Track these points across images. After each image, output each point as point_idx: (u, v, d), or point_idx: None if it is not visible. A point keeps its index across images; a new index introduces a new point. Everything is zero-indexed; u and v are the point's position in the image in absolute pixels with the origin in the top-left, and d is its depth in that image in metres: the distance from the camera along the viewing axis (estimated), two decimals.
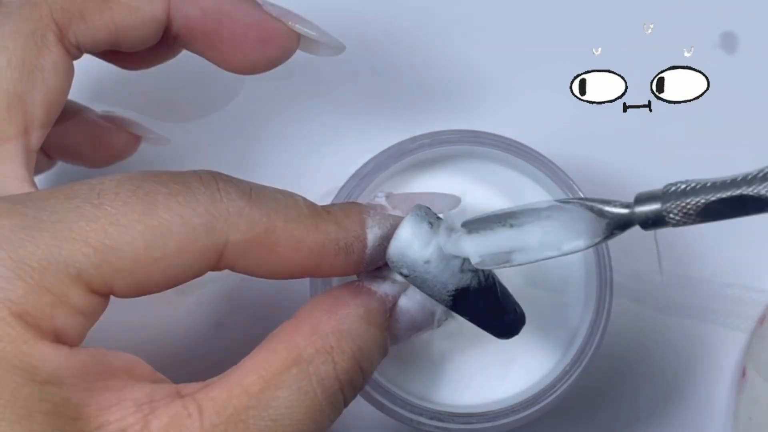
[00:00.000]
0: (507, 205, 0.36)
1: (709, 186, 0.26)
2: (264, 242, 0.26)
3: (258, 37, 0.32)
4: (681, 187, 0.26)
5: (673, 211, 0.26)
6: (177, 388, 0.26)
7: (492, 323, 0.29)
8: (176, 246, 0.25)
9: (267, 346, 0.27)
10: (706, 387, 0.42)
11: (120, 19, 0.30)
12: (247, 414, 0.25)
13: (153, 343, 0.41)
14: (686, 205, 0.26)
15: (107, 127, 0.37)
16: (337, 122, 0.43)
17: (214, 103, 0.43)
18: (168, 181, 0.25)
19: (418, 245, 0.28)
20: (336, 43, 0.34)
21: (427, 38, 0.44)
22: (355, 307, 0.28)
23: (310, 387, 0.26)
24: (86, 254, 0.24)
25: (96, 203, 0.24)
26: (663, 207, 0.26)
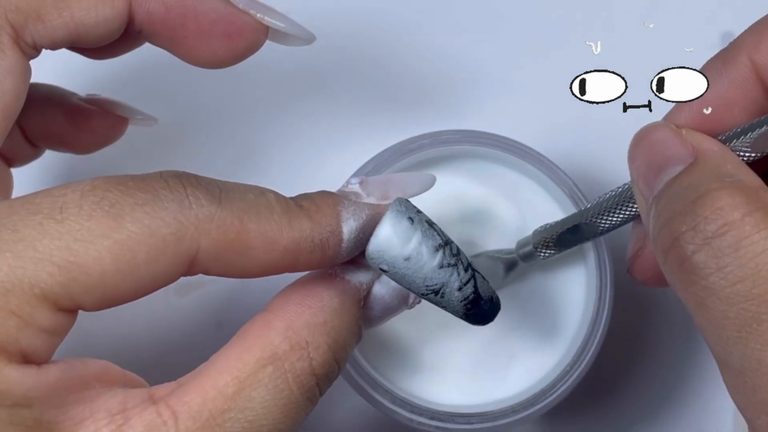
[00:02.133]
0: (507, 205, 0.37)
1: (560, 222, 0.34)
2: (237, 246, 0.25)
3: (224, 31, 0.31)
4: (542, 227, 0.35)
5: (539, 246, 0.34)
6: (150, 392, 0.25)
7: (468, 313, 0.29)
8: (145, 258, 0.24)
9: (240, 343, 0.26)
10: (706, 387, 0.42)
11: (79, 18, 0.29)
12: (223, 417, 0.25)
13: (153, 343, 0.41)
14: (545, 240, 0.34)
15: (92, 111, 0.36)
16: (337, 122, 0.43)
17: (213, 98, 0.43)
18: (134, 189, 0.24)
19: (398, 243, 0.27)
20: (306, 34, 0.33)
21: (427, 38, 0.44)
22: (329, 298, 0.27)
23: (286, 385, 0.26)
24: (51, 273, 0.23)
25: (59, 218, 0.23)
26: (533, 245, 0.35)
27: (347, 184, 0.29)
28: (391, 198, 0.29)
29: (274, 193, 0.27)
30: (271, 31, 0.32)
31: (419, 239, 0.28)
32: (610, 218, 0.32)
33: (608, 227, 0.33)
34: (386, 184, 0.29)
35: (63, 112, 0.35)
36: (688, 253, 0.25)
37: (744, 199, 0.25)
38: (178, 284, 0.35)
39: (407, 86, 0.43)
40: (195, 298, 0.41)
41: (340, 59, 0.43)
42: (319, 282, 0.28)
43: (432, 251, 0.28)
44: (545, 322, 0.36)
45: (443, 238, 0.28)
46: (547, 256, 0.34)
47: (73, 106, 0.35)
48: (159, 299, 0.41)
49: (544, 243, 0.34)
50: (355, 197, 0.28)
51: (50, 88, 0.36)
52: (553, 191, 0.36)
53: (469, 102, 0.43)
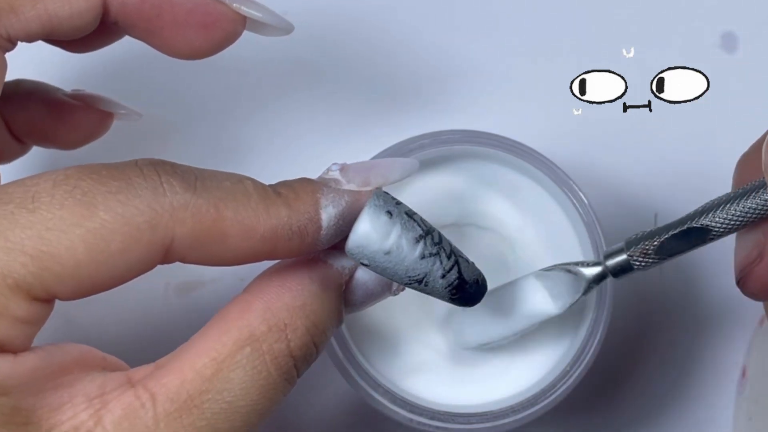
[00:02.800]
0: (507, 205, 0.36)
1: (662, 228, 0.31)
2: (213, 234, 0.25)
3: (200, 22, 0.31)
4: (639, 234, 0.32)
5: (635, 255, 0.31)
6: (128, 375, 0.25)
7: (453, 297, 0.29)
8: (119, 247, 0.24)
9: (219, 324, 0.26)
10: (706, 387, 0.42)
11: (53, 10, 0.29)
12: (201, 399, 0.25)
13: (152, 343, 0.41)
14: (645, 248, 0.31)
15: (77, 106, 0.35)
16: (337, 122, 0.43)
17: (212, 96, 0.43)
18: (107, 178, 0.24)
19: (377, 238, 0.27)
20: (284, 24, 0.33)
21: (427, 38, 0.43)
22: (310, 281, 0.27)
23: (264, 366, 0.26)
24: (23, 263, 0.23)
25: (31, 208, 0.23)
26: (628, 254, 0.32)
27: (328, 170, 0.29)
28: (372, 184, 0.29)
29: (251, 180, 0.27)
30: (249, 21, 0.32)
31: (399, 232, 0.27)
32: (727, 222, 0.30)
33: (722, 231, 0.30)
34: (368, 170, 0.29)
35: (48, 107, 0.35)
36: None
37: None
38: (178, 284, 0.35)
39: (407, 86, 0.43)
40: (195, 298, 0.41)
41: (339, 59, 0.43)
42: (301, 265, 0.28)
43: (412, 243, 0.27)
44: (545, 323, 0.36)
45: (424, 228, 0.28)
46: (644, 266, 0.32)
47: (58, 102, 0.35)
48: (159, 299, 0.41)
49: (644, 252, 0.31)
50: (335, 184, 0.28)
51: (35, 84, 0.35)
52: (553, 191, 0.36)
53: (469, 102, 0.43)
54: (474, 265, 0.29)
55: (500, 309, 0.34)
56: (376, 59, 0.43)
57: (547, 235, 0.36)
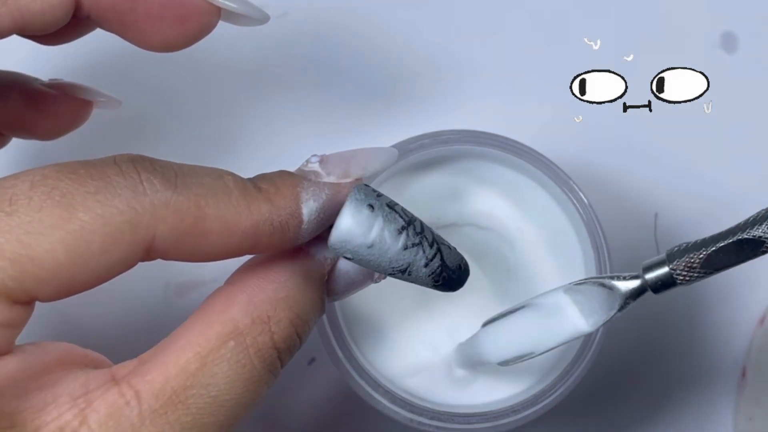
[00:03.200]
0: (507, 205, 0.36)
1: (709, 239, 0.28)
2: (194, 231, 0.25)
3: (175, 15, 0.30)
4: (683, 246, 0.29)
5: (679, 269, 0.29)
6: (112, 372, 0.25)
7: (437, 285, 0.29)
8: (100, 247, 0.24)
9: (202, 318, 0.26)
10: (706, 387, 0.42)
11: (24, 5, 0.28)
12: (186, 394, 0.25)
13: (152, 343, 0.40)
14: (690, 261, 0.28)
15: (55, 96, 0.35)
16: (337, 122, 0.43)
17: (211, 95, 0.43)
18: (85, 177, 0.24)
19: (360, 232, 0.27)
20: (259, 14, 0.32)
21: (426, 38, 0.43)
22: (292, 273, 0.27)
23: (248, 359, 0.26)
24: (3, 267, 0.23)
25: (9, 211, 0.23)
26: (670, 268, 0.29)
27: (307, 162, 0.29)
28: (352, 176, 0.28)
29: (232, 175, 0.26)
30: (224, 11, 0.31)
31: (381, 225, 0.27)
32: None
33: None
34: (347, 161, 0.29)
35: (26, 98, 0.34)
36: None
37: None
38: (178, 284, 0.35)
39: (407, 86, 0.43)
40: (195, 298, 0.41)
41: (339, 59, 0.43)
42: (283, 257, 0.28)
43: (395, 235, 0.27)
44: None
45: (405, 218, 0.28)
46: (689, 281, 0.29)
47: (35, 92, 0.35)
48: (159, 299, 0.41)
49: (689, 266, 0.29)
50: (314, 176, 0.28)
51: (11, 75, 0.35)
52: (553, 191, 0.36)
53: (469, 102, 0.43)
54: (456, 250, 0.29)
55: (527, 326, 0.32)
56: (375, 59, 0.43)
57: (547, 235, 0.36)
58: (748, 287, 0.42)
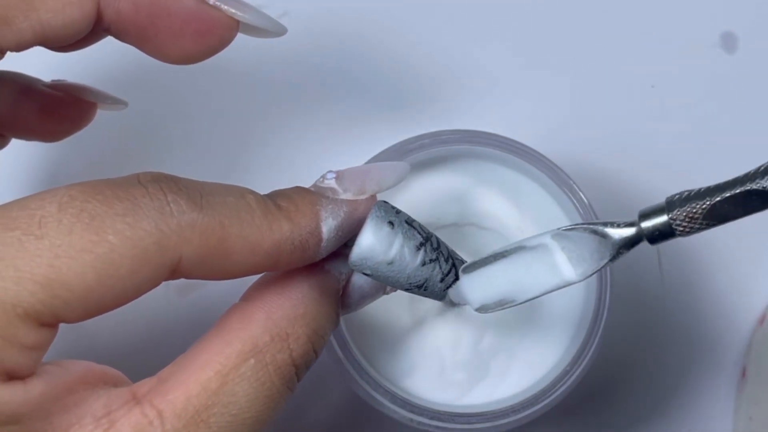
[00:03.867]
0: (507, 205, 0.36)
1: (713, 188, 0.26)
2: (218, 251, 0.25)
3: (196, 29, 0.30)
4: (684, 194, 0.26)
5: (679, 219, 0.26)
6: (133, 390, 0.25)
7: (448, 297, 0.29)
8: (128, 270, 0.24)
9: (221, 335, 0.26)
10: (706, 387, 0.42)
11: (46, 20, 0.28)
12: (207, 413, 0.25)
13: (152, 343, 0.41)
14: (692, 210, 0.26)
15: (58, 97, 0.35)
16: (337, 123, 0.43)
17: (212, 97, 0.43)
18: (113, 199, 0.24)
19: (381, 249, 0.27)
20: (277, 27, 0.32)
21: (427, 38, 0.44)
22: (309, 288, 0.28)
23: (267, 377, 0.26)
24: (33, 292, 0.23)
25: (39, 234, 0.23)
26: (669, 217, 0.26)
27: (323, 178, 0.29)
28: (367, 192, 0.29)
29: (253, 194, 0.27)
30: (242, 24, 0.31)
31: (401, 242, 0.28)
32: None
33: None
34: (362, 177, 0.29)
35: (29, 99, 0.34)
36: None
37: None
38: (178, 284, 0.35)
39: (407, 86, 0.43)
40: (195, 298, 0.41)
41: (339, 59, 0.43)
42: (299, 272, 0.28)
43: (414, 251, 0.28)
44: (545, 322, 0.36)
45: (423, 235, 0.28)
46: (688, 232, 0.27)
47: (39, 93, 0.34)
48: (159, 299, 0.41)
49: (690, 216, 0.26)
50: (332, 193, 0.28)
51: (15, 76, 0.35)
52: (553, 191, 0.36)
53: (469, 102, 0.43)
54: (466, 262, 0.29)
55: (509, 270, 0.29)
56: (376, 60, 0.43)
57: None
58: (748, 287, 0.42)
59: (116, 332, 0.40)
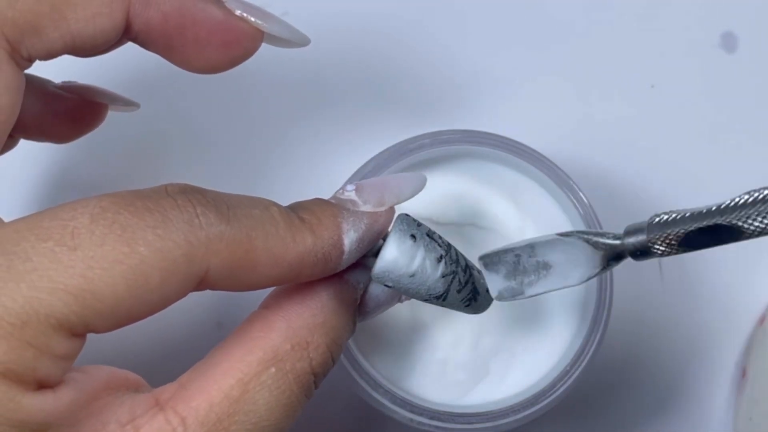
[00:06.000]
0: (507, 205, 0.36)
1: (688, 216, 0.28)
2: (244, 264, 0.25)
3: (222, 40, 0.31)
4: (663, 218, 0.28)
5: (657, 242, 0.28)
6: (155, 396, 0.26)
7: (466, 307, 0.30)
8: (158, 281, 0.24)
9: (241, 342, 0.27)
10: (706, 387, 0.42)
11: (77, 30, 0.28)
12: (229, 421, 0.25)
13: (153, 342, 0.41)
14: (668, 236, 0.28)
15: (69, 99, 0.35)
16: (337, 122, 0.43)
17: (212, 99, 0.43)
18: (143, 211, 0.24)
19: (404, 262, 0.28)
20: (301, 38, 0.33)
21: (426, 38, 0.44)
22: (328, 298, 0.28)
23: (287, 386, 0.26)
24: (66, 303, 0.23)
25: (72, 245, 0.23)
26: (648, 238, 0.28)
27: (342, 191, 0.29)
28: (386, 204, 0.29)
29: (277, 206, 0.27)
30: (266, 34, 0.32)
31: (423, 255, 0.28)
32: (764, 226, 0.27)
33: (755, 234, 0.27)
34: (381, 190, 0.29)
35: (41, 101, 0.34)
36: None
37: None
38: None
39: (407, 86, 0.43)
40: (195, 298, 0.41)
41: (339, 59, 0.43)
42: (318, 281, 0.28)
43: (435, 264, 0.28)
44: (545, 322, 0.36)
45: (443, 247, 0.29)
46: (666, 254, 0.29)
47: (50, 95, 0.34)
48: None
49: (666, 239, 0.28)
50: (352, 205, 0.29)
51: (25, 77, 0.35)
52: (553, 191, 0.36)
53: (469, 102, 0.43)
54: (482, 275, 0.30)
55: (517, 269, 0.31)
56: (376, 60, 0.43)
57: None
58: (748, 287, 0.42)
59: (117, 332, 0.40)
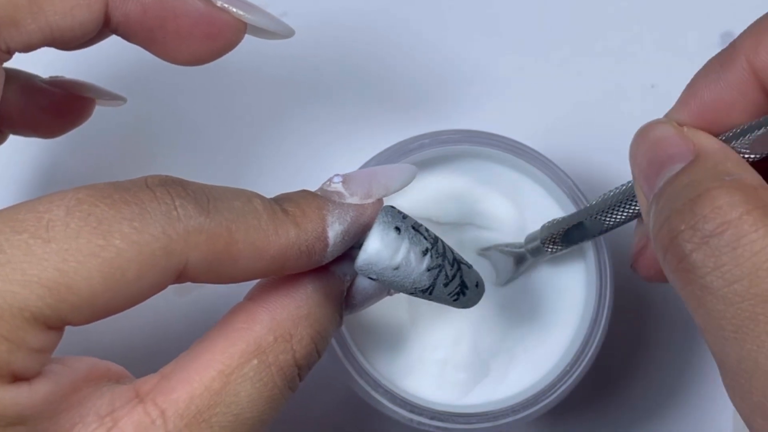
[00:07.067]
0: (507, 205, 0.36)
1: (567, 218, 0.34)
2: (225, 257, 0.25)
3: (204, 32, 0.30)
4: (550, 222, 0.34)
5: (546, 242, 0.34)
6: (136, 388, 0.25)
7: (455, 301, 0.29)
8: (135, 274, 0.24)
9: (224, 334, 0.26)
10: (706, 387, 0.42)
11: (54, 22, 0.28)
12: (210, 413, 0.25)
13: (152, 342, 0.41)
14: (552, 236, 0.34)
15: (56, 93, 0.34)
16: (337, 122, 0.43)
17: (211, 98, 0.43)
18: (120, 203, 0.24)
19: (387, 255, 0.27)
20: (284, 29, 0.32)
21: (427, 38, 0.44)
22: (313, 290, 0.28)
23: (270, 378, 0.26)
24: (41, 296, 0.23)
25: (46, 238, 0.23)
26: (540, 240, 0.34)
27: (329, 182, 0.29)
28: (374, 196, 0.29)
29: (260, 198, 0.27)
30: (250, 26, 0.32)
31: (407, 247, 0.28)
32: (614, 216, 0.32)
33: (612, 225, 0.32)
34: (369, 181, 0.29)
35: (28, 96, 0.34)
36: (687, 251, 0.25)
37: (742, 198, 0.25)
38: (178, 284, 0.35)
39: (407, 86, 0.43)
40: (195, 298, 0.41)
41: (339, 59, 0.43)
42: (303, 274, 0.28)
43: (420, 257, 0.28)
44: (545, 322, 0.36)
45: (429, 240, 0.28)
46: (553, 251, 0.34)
47: (37, 90, 0.34)
48: (159, 299, 0.41)
49: (551, 239, 0.34)
50: (338, 197, 0.28)
51: (12, 72, 0.35)
52: (553, 191, 0.36)
53: (469, 102, 0.43)
54: (473, 269, 0.30)
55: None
56: (376, 60, 0.43)
57: None
58: None
59: (116, 331, 0.40)
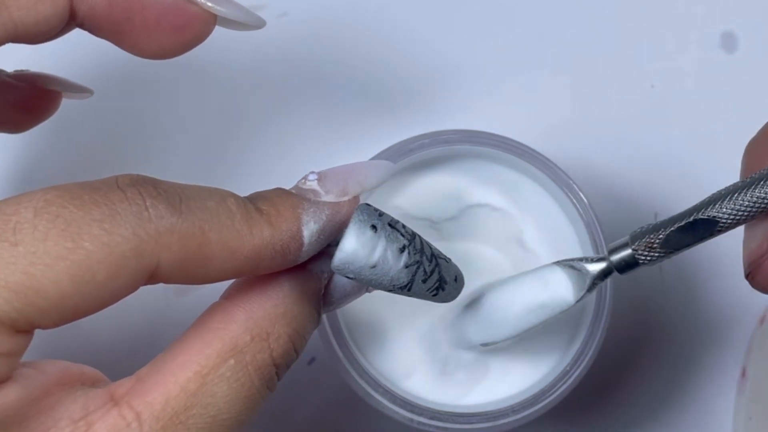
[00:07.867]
0: (507, 204, 0.36)
1: (667, 220, 0.30)
2: (197, 257, 0.25)
3: (172, 24, 0.30)
4: (644, 228, 0.30)
5: (640, 250, 0.30)
6: (111, 391, 0.25)
7: (434, 296, 0.29)
8: (104, 276, 0.23)
9: (200, 334, 0.26)
10: (706, 387, 0.42)
11: (18, 17, 0.27)
12: (186, 415, 0.25)
13: (152, 343, 0.41)
14: (650, 242, 0.30)
15: (22, 87, 0.34)
16: (337, 122, 0.43)
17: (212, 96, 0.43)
18: (90, 204, 0.23)
19: (363, 254, 0.27)
20: (254, 20, 0.32)
21: (427, 38, 0.44)
22: (290, 288, 0.27)
23: (247, 378, 0.26)
24: (7, 300, 0.22)
25: (13, 241, 0.22)
26: (632, 248, 0.30)
27: (305, 180, 0.28)
28: (350, 194, 0.28)
29: (234, 197, 0.26)
30: (219, 17, 0.31)
31: (384, 246, 0.27)
32: (735, 212, 0.28)
33: (730, 223, 0.28)
34: (345, 178, 0.29)
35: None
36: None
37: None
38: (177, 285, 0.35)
39: (407, 86, 0.43)
40: (194, 298, 0.41)
41: (339, 59, 0.43)
42: (281, 271, 0.27)
43: (397, 254, 0.27)
44: (545, 323, 0.36)
45: (407, 237, 0.28)
46: (650, 261, 0.30)
47: (2, 84, 0.34)
48: (158, 299, 0.41)
49: (649, 246, 0.30)
50: (313, 195, 0.28)
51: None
52: (553, 191, 0.36)
53: (469, 102, 0.43)
54: (452, 262, 0.29)
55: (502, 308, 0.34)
56: (376, 60, 0.43)
57: (547, 235, 0.36)
58: (748, 287, 0.42)
59: (113, 332, 0.40)
